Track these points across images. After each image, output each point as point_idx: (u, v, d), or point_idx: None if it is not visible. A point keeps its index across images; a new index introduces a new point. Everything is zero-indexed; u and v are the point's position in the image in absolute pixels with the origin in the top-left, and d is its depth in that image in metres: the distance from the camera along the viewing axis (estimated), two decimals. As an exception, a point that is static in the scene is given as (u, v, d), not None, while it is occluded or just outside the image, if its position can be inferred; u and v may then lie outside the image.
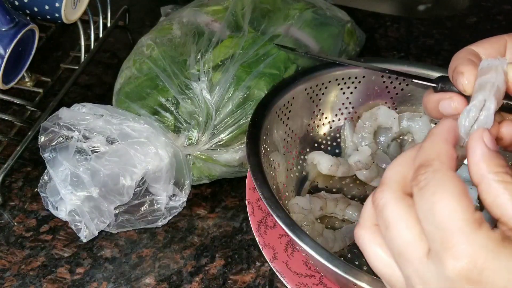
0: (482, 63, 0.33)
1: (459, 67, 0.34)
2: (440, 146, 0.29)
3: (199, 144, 0.55)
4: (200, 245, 0.55)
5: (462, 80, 0.33)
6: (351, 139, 0.59)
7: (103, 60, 0.77)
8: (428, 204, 0.27)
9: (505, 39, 0.36)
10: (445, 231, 0.26)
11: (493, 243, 0.25)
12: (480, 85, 0.32)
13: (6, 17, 0.54)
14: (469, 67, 0.33)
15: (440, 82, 0.36)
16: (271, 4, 0.63)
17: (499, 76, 0.31)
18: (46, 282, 0.51)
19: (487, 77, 0.32)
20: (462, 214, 0.26)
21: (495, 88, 0.31)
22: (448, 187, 0.27)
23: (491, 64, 0.32)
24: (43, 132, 0.52)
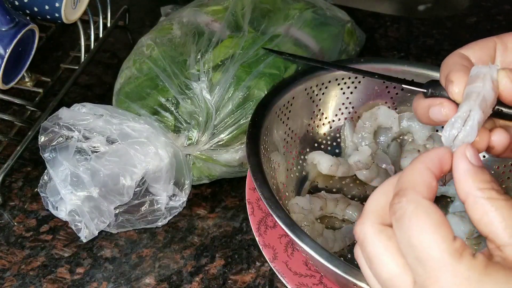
0: (472, 70, 0.32)
1: (450, 74, 0.33)
2: (418, 174, 0.28)
3: (199, 144, 0.55)
4: (200, 245, 0.55)
5: (452, 88, 0.33)
6: (351, 139, 0.59)
7: (103, 60, 0.77)
8: (406, 236, 0.26)
9: (494, 41, 0.36)
10: (426, 264, 0.25)
11: (476, 273, 0.25)
12: (467, 95, 0.31)
13: (6, 17, 0.54)
14: (459, 74, 0.33)
15: (430, 87, 0.35)
16: (271, 4, 0.63)
17: (486, 85, 0.31)
18: (46, 282, 0.51)
19: (474, 86, 0.31)
20: (441, 245, 0.25)
21: (480, 98, 0.30)
22: (424, 218, 0.26)
23: (479, 72, 0.32)
24: (43, 132, 0.52)
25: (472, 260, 0.25)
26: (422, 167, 0.29)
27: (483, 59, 0.35)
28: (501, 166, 0.56)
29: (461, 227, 0.52)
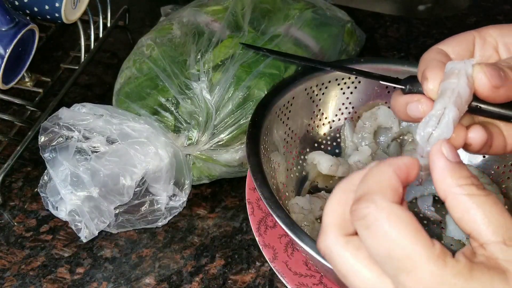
0: (447, 66, 0.32)
1: (425, 71, 0.33)
2: (386, 178, 0.27)
3: (199, 144, 0.55)
4: (200, 245, 0.55)
5: (426, 85, 0.32)
6: (351, 139, 0.59)
7: (103, 60, 0.77)
8: (383, 247, 0.25)
9: (473, 35, 0.35)
10: (410, 274, 0.24)
11: (462, 279, 0.24)
12: (441, 92, 0.31)
13: (6, 17, 0.54)
14: (434, 71, 0.32)
15: (408, 83, 0.34)
16: (271, 4, 0.63)
17: (461, 81, 0.30)
18: (46, 282, 0.51)
19: (448, 82, 0.30)
20: (424, 253, 0.24)
21: (455, 94, 0.30)
22: (400, 226, 0.25)
23: (454, 68, 0.31)
24: (43, 132, 0.52)
25: (456, 265, 0.24)
26: (390, 171, 0.27)
27: (461, 53, 0.34)
28: (501, 166, 0.56)
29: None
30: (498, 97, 0.31)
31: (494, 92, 0.31)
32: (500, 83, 0.31)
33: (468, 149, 0.33)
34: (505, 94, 0.31)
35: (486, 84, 0.30)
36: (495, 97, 0.31)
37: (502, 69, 0.31)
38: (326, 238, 0.28)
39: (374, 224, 0.25)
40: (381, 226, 0.25)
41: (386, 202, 0.25)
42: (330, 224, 0.28)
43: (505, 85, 0.31)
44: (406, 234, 0.25)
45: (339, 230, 0.27)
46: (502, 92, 0.31)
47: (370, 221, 0.25)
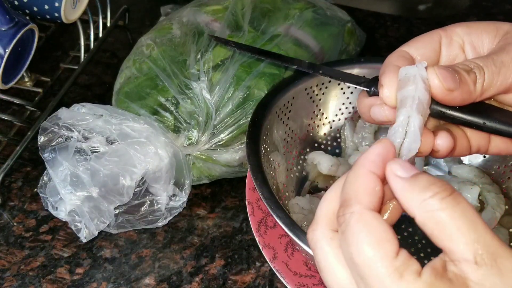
0: (400, 73, 0.31)
1: (380, 78, 0.32)
2: (360, 181, 0.27)
3: (199, 144, 0.54)
4: (200, 245, 0.55)
5: (382, 92, 0.32)
6: (351, 139, 0.59)
7: (103, 60, 0.77)
8: (349, 252, 0.25)
9: (439, 34, 0.35)
10: (368, 282, 0.24)
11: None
12: (401, 101, 0.30)
13: (6, 17, 0.54)
14: (389, 77, 0.31)
15: (373, 85, 0.34)
16: (271, 4, 0.63)
17: (419, 86, 0.30)
18: (45, 282, 0.51)
19: (406, 90, 0.30)
20: (380, 264, 0.24)
21: (416, 101, 0.29)
22: (365, 233, 0.25)
23: (408, 74, 0.30)
24: (42, 133, 0.52)
25: (414, 281, 0.24)
26: (364, 172, 0.27)
27: (426, 54, 0.34)
28: (502, 166, 0.56)
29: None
30: (453, 100, 0.31)
31: (448, 95, 0.30)
32: (454, 86, 0.30)
33: (436, 156, 0.33)
34: (460, 97, 0.31)
35: (439, 87, 0.30)
36: (449, 99, 0.31)
37: (458, 71, 0.31)
38: (315, 229, 0.28)
39: (345, 230, 0.26)
40: (350, 232, 0.25)
41: (359, 208, 0.26)
42: (322, 216, 0.28)
43: (460, 88, 0.30)
44: (369, 242, 0.25)
45: (328, 225, 0.28)
46: (456, 94, 0.31)
47: (344, 227, 0.26)
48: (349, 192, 0.27)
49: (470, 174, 0.56)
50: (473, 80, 0.31)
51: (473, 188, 0.53)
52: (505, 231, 0.51)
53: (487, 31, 0.34)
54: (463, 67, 0.31)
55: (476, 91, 0.31)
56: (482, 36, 0.34)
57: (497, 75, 0.31)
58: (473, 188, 0.53)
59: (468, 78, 0.31)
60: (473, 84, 0.31)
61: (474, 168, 0.56)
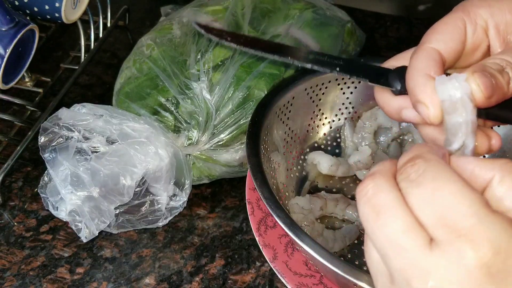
0: (439, 91, 0.29)
1: (417, 92, 0.30)
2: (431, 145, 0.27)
3: (199, 144, 0.55)
4: (200, 245, 0.55)
5: (427, 112, 0.30)
6: (351, 139, 0.59)
7: (103, 60, 0.77)
8: (427, 193, 0.24)
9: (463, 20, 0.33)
10: (455, 218, 0.23)
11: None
12: (453, 127, 0.29)
13: (6, 17, 0.54)
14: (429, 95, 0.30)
15: (396, 82, 0.32)
16: (271, 4, 0.63)
17: (469, 109, 0.29)
18: (46, 282, 0.51)
19: (456, 116, 0.29)
20: (472, 196, 0.23)
21: (470, 126, 0.29)
22: (446, 173, 0.24)
23: (454, 98, 0.29)
24: (43, 133, 0.52)
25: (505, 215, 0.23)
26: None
27: (454, 48, 0.33)
28: (501, 166, 0.56)
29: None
30: (489, 104, 0.30)
31: (485, 102, 0.30)
32: (493, 93, 0.30)
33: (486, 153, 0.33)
34: (496, 100, 0.30)
35: (480, 96, 0.30)
36: (485, 105, 0.30)
37: (494, 75, 0.30)
38: (375, 176, 0.26)
39: (420, 175, 0.24)
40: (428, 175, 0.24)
41: (433, 156, 0.25)
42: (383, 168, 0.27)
43: (496, 94, 0.30)
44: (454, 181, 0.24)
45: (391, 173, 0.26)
46: (493, 100, 0.30)
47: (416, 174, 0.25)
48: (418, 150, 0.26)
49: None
50: (506, 81, 0.31)
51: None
52: (504, 231, 0.51)
53: (510, 9, 0.33)
54: (496, 68, 0.31)
55: (509, 91, 0.31)
56: (506, 17, 0.33)
57: None
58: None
59: (502, 80, 0.30)
60: (506, 86, 0.31)
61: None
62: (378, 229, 0.25)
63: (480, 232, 0.22)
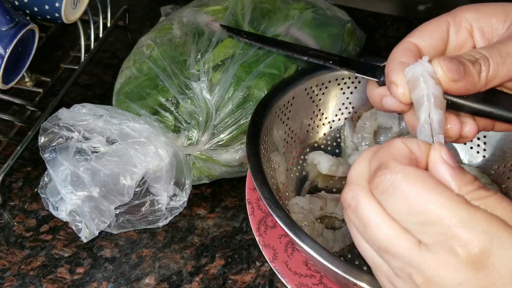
0: (406, 74, 0.32)
1: (390, 75, 0.33)
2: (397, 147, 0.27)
3: (199, 144, 0.55)
4: (200, 245, 0.55)
5: (396, 90, 0.32)
6: (351, 139, 0.59)
7: (103, 60, 0.77)
8: (400, 203, 0.25)
9: (447, 21, 0.35)
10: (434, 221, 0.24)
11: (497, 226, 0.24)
12: (417, 101, 0.31)
13: (6, 17, 0.54)
14: (400, 77, 0.32)
15: (382, 75, 0.35)
16: (271, 4, 0.63)
17: (429, 83, 0.31)
18: (46, 282, 0.51)
19: (419, 90, 0.31)
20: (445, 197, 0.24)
21: (432, 98, 0.31)
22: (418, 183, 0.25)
23: (416, 74, 0.32)
24: (43, 133, 0.52)
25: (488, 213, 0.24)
26: (400, 142, 0.28)
27: (433, 45, 0.35)
28: (501, 166, 0.56)
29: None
30: (458, 90, 0.32)
31: (452, 86, 0.31)
32: (458, 77, 0.31)
33: (460, 141, 0.34)
34: (465, 87, 0.32)
35: (444, 78, 0.31)
36: (454, 90, 0.32)
37: (463, 63, 0.32)
38: (352, 188, 0.28)
39: (391, 186, 0.26)
40: (398, 187, 0.25)
41: (400, 166, 0.26)
42: (357, 176, 0.28)
43: (464, 79, 0.31)
44: (424, 189, 0.25)
45: (366, 184, 0.28)
46: (461, 85, 0.31)
47: (386, 185, 0.26)
48: (384, 156, 0.27)
49: (469, 174, 0.56)
50: (477, 71, 0.32)
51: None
52: (504, 231, 0.51)
53: (496, 15, 0.34)
54: (468, 58, 0.32)
55: (481, 81, 0.32)
56: (491, 21, 0.34)
57: (502, 65, 0.32)
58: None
59: (472, 69, 0.32)
60: (477, 75, 0.32)
61: (473, 168, 0.57)
62: (370, 240, 0.27)
63: (463, 232, 0.24)
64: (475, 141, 0.58)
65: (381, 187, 0.26)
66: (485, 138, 0.57)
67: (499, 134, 0.56)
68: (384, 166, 0.27)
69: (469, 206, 0.25)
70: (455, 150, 0.59)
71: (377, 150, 0.28)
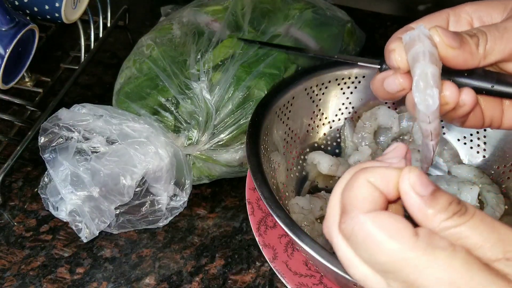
0: (403, 38, 0.33)
1: (388, 44, 0.33)
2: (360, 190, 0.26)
3: (199, 144, 0.55)
4: (200, 245, 0.55)
5: (393, 56, 0.33)
6: (351, 139, 0.59)
7: (103, 60, 0.77)
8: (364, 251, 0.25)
9: (447, 12, 0.36)
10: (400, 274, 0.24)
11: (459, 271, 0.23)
12: (413, 59, 0.32)
13: (6, 17, 0.54)
14: (398, 43, 0.33)
15: (384, 62, 0.35)
16: (271, 4, 0.63)
17: (425, 43, 0.31)
18: (46, 282, 0.51)
19: (415, 49, 0.31)
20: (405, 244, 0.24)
21: (427, 55, 0.31)
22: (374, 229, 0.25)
23: (412, 36, 0.32)
24: (43, 133, 0.52)
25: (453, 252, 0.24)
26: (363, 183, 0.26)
27: None
28: (501, 166, 0.56)
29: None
30: (456, 59, 0.32)
31: (449, 52, 0.31)
32: (455, 43, 0.31)
33: (458, 113, 0.33)
34: (463, 56, 0.32)
35: (441, 43, 0.31)
36: (452, 57, 0.32)
37: (460, 33, 0.32)
38: (329, 225, 0.28)
39: (351, 236, 0.26)
40: (357, 235, 0.25)
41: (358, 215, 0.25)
42: (331, 213, 0.28)
43: (462, 48, 0.32)
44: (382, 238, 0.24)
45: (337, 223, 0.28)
46: (458, 53, 0.32)
47: (348, 232, 0.26)
48: (347, 199, 0.27)
49: (469, 174, 0.56)
50: (475, 42, 0.32)
51: (472, 188, 0.53)
52: (504, 231, 0.51)
53: (495, 8, 0.35)
54: (465, 32, 0.33)
55: (479, 53, 0.32)
56: (490, 12, 0.35)
57: (500, 39, 0.32)
58: (473, 188, 0.53)
59: (470, 39, 0.32)
60: (475, 46, 0.32)
61: (473, 168, 0.57)
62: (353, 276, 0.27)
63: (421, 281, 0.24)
64: (475, 141, 0.58)
65: (346, 232, 0.26)
66: (485, 138, 0.57)
67: (499, 134, 0.56)
68: (345, 211, 0.26)
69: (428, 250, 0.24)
70: (455, 150, 0.59)
71: (344, 187, 0.27)
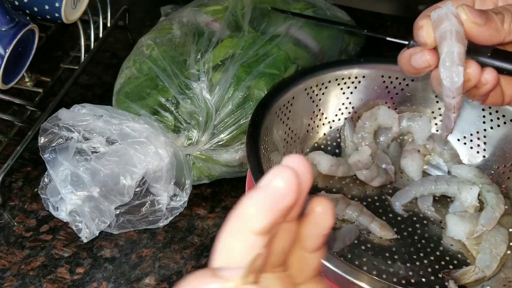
0: (432, 16, 0.34)
1: (417, 21, 0.35)
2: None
3: (199, 144, 0.55)
4: (200, 245, 0.55)
5: (421, 32, 0.34)
6: (351, 139, 0.59)
7: (103, 60, 0.77)
8: None
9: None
10: None
11: None
12: (441, 37, 0.33)
13: (6, 17, 0.54)
14: (426, 20, 0.34)
15: (412, 39, 0.37)
16: (271, 4, 0.63)
17: (452, 21, 0.33)
18: (46, 282, 0.51)
19: (443, 27, 0.33)
20: None
21: (454, 34, 0.33)
22: None
23: (440, 14, 0.34)
24: (43, 133, 0.52)
25: None
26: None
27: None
28: (501, 166, 0.56)
29: (461, 227, 0.52)
30: (481, 35, 0.33)
31: (474, 29, 0.33)
32: (481, 21, 0.33)
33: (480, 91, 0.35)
34: (488, 32, 0.33)
35: (467, 20, 0.33)
36: (477, 34, 0.33)
37: (485, 11, 0.34)
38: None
39: None
40: None
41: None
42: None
43: (487, 24, 0.33)
44: None
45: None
46: (484, 29, 0.33)
47: None
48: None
49: (469, 174, 0.56)
50: (500, 19, 0.34)
51: (472, 188, 0.53)
52: (504, 231, 0.51)
53: None
54: (491, 10, 0.34)
55: (504, 29, 0.34)
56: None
57: None
58: (473, 188, 0.53)
59: (495, 16, 0.34)
60: (500, 22, 0.34)
61: (473, 168, 0.57)
62: None
63: None
64: (475, 141, 0.58)
65: None
66: (485, 138, 0.57)
67: (499, 134, 0.56)
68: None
69: None
70: (455, 150, 0.59)
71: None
